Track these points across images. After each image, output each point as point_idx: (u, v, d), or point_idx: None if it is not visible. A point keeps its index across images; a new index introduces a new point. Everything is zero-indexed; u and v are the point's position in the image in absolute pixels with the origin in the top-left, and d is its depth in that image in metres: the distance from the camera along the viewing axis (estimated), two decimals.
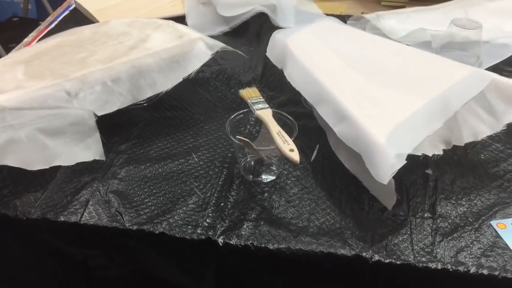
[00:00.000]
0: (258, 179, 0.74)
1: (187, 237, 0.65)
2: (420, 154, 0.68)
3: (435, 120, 0.67)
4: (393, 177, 0.62)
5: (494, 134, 0.74)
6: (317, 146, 0.79)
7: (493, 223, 0.67)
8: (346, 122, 0.70)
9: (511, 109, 0.73)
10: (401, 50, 0.88)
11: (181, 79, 0.83)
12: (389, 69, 0.81)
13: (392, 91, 0.74)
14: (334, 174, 0.74)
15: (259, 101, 0.78)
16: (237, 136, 0.69)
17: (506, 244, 0.64)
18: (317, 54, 0.87)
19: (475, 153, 0.79)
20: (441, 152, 0.71)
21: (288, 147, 0.67)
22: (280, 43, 0.93)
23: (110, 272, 0.72)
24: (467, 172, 0.75)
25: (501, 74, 0.75)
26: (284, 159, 0.72)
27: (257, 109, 0.76)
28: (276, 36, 0.97)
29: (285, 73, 0.87)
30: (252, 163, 0.74)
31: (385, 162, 0.62)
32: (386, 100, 0.72)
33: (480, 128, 0.73)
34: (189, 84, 0.92)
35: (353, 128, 0.68)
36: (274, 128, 0.71)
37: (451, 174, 0.75)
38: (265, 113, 0.75)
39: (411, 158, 0.63)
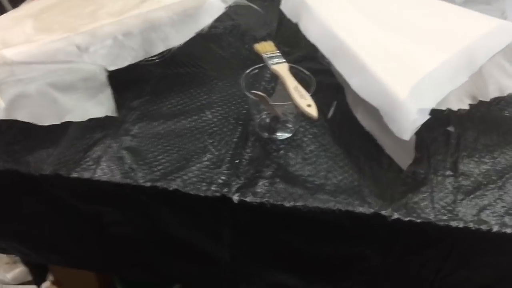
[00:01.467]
0: (274, 136, 0.72)
1: (201, 194, 0.64)
2: (444, 108, 0.65)
3: (460, 74, 0.64)
4: (414, 134, 0.59)
5: None
6: (335, 102, 0.76)
7: None
8: (364, 75, 0.67)
9: None
10: (424, 2, 0.83)
11: (194, 34, 0.81)
12: (411, 22, 0.77)
13: (414, 45, 0.70)
14: (352, 131, 0.72)
15: (275, 56, 0.75)
16: (253, 91, 0.67)
17: None
18: (334, 7, 0.83)
19: (499, 110, 0.76)
20: (467, 107, 0.68)
21: (305, 102, 0.65)
22: None
23: (124, 229, 0.72)
24: (491, 129, 0.73)
25: None
26: (300, 116, 0.70)
27: (273, 64, 0.73)
28: None
29: (301, 27, 0.83)
30: (268, 120, 0.72)
31: (407, 118, 0.60)
32: (408, 53, 0.69)
33: (506, 83, 0.70)
34: (202, 40, 0.89)
35: (372, 81, 0.65)
36: (291, 83, 0.68)
37: (474, 131, 0.72)
38: (282, 68, 0.72)
39: (432, 114, 0.61)
